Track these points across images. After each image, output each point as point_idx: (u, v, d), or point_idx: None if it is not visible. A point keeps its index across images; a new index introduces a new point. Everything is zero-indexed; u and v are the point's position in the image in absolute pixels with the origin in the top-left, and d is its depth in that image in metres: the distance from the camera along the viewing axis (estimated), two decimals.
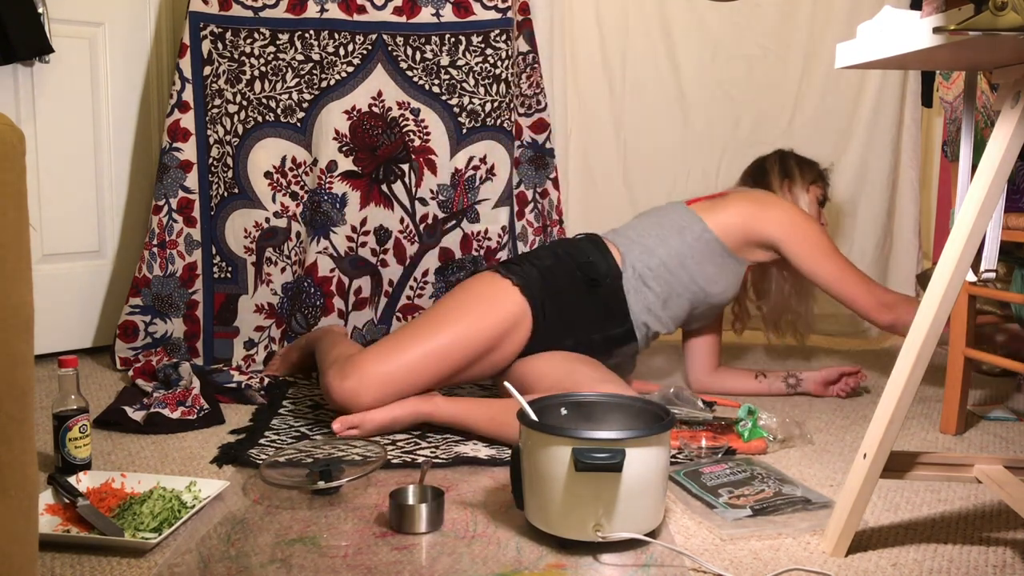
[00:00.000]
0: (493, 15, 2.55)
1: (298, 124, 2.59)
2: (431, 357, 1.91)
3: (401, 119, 2.59)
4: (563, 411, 1.55)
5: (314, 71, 2.58)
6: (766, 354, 2.90)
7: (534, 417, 1.44)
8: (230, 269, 2.60)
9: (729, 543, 1.45)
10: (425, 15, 2.56)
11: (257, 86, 2.58)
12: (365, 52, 2.58)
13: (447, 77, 2.58)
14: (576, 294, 2.08)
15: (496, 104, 2.63)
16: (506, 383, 1.54)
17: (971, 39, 1.11)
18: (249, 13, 2.56)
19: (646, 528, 1.41)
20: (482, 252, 2.67)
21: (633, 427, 1.51)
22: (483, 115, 2.59)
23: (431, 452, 1.86)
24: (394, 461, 1.79)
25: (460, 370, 1.96)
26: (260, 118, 2.58)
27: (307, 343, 2.44)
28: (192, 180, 2.58)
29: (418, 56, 2.58)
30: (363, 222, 2.60)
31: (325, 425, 1.99)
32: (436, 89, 2.58)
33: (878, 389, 2.35)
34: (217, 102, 2.58)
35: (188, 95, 2.56)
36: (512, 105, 2.67)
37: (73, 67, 2.55)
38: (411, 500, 1.53)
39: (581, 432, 1.40)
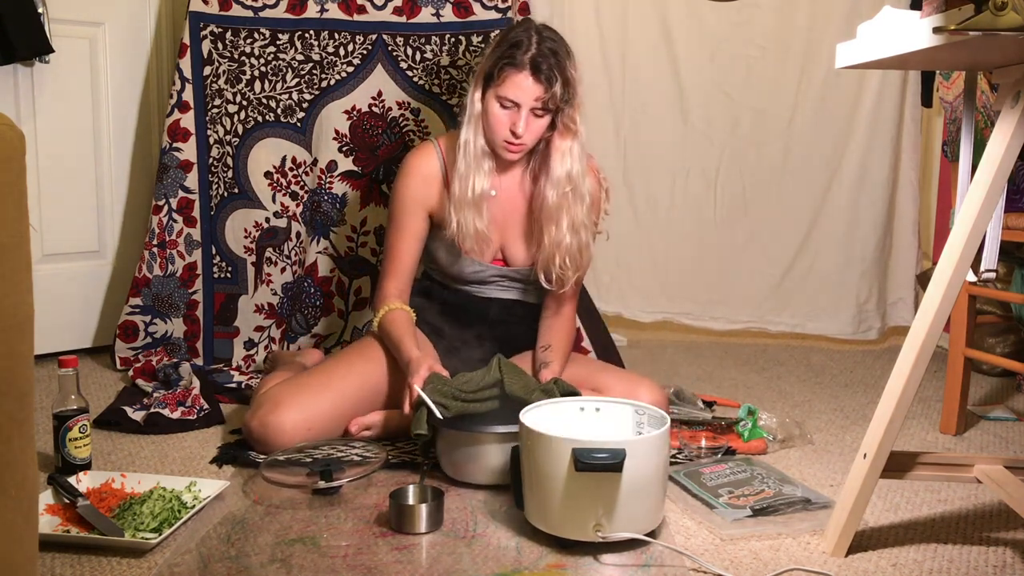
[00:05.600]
0: (493, 15, 2.55)
1: (298, 124, 2.59)
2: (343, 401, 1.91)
3: (401, 119, 2.59)
4: None
5: (314, 71, 2.58)
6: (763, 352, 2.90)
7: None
8: (230, 269, 2.60)
9: (729, 543, 1.45)
10: (425, 15, 2.56)
11: (257, 86, 2.57)
12: (365, 52, 2.58)
13: (447, 77, 2.58)
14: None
15: None
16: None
17: (971, 39, 1.11)
18: (249, 13, 2.56)
19: (646, 528, 1.41)
20: None
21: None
22: None
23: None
24: (394, 461, 1.79)
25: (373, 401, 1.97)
26: (260, 118, 2.58)
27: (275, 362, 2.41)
28: (192, 180, 2.58)
29: (418, 56, 2.58)
30: (363, 222, 2.60)
31: None
32: (436, 89, 2.58)
33: (878, 389, 2.35)
34: (217, 102, 2.57)
35: (188, 95, 2.56)
36: None
37: (73, 67, 2.55)
38: (411, 500, 1.53)
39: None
